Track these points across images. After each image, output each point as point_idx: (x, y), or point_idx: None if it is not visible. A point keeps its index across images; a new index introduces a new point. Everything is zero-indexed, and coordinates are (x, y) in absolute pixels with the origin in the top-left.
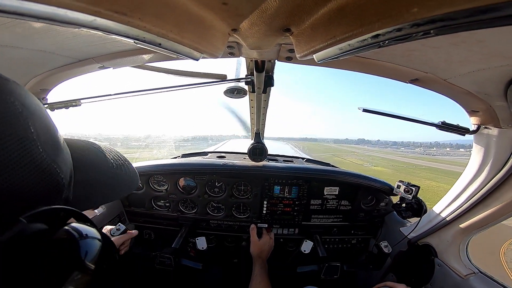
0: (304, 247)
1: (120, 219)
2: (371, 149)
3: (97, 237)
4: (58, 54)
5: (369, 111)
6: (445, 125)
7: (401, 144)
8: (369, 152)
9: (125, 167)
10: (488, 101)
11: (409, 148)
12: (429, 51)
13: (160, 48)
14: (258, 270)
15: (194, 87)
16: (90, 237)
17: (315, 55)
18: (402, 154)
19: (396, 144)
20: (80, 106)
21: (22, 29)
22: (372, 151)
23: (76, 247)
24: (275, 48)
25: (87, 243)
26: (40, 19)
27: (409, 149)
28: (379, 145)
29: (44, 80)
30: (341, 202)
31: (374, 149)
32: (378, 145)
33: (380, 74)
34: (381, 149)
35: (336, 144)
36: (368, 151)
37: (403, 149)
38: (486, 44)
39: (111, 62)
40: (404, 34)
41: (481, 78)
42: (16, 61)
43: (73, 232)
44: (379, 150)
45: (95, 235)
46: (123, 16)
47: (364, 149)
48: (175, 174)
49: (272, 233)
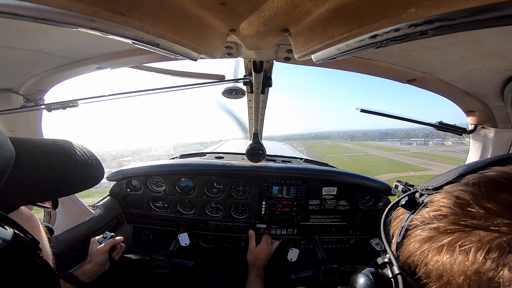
0: (290, 255)
1: (118, 220)
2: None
3: (2, 237)
4: (55, 54)
5: (367, 112)
6: (442, 125)
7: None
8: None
9: (88, 165)
10: (485, 101)
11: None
12: (426, 51)
13: (158, 49)
14: (253, 278)
15: (192, 88)
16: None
17: (313, 56)
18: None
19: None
20: (77, 107)
21: (19, 30)
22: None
23: None
24: (274, 49)
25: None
26: (37, 19)
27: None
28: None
29: (41, 81)
30: (340, 202)
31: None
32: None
33: (378, 74)
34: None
35: (350, 141)
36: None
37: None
38: (483, 44)
39: (109, 63)
40: (402, 34)
41: (477, 78)
42: (13, 62)
43: None
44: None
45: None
46: (121, 16)
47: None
48: (174, 175)
49: (276, 241)
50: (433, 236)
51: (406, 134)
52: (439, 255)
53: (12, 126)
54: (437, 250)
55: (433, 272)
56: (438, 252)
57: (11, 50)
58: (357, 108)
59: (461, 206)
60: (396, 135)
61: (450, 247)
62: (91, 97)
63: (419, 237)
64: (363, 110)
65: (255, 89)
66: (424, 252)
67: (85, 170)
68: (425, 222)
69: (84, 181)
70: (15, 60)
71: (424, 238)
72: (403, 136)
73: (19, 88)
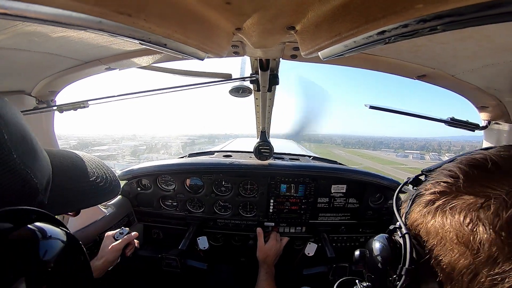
0: (308, 249)
1: (129, 218)
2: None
3: (61, 239)
4: (65, 56)
5: (376, 108)
6: (454, 121)
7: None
8: None
9: (105, 177)
10: (498, 96)
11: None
12: (436, 47)
13: (166, 49)
14: (263, 275)
15: (199, 87)
16: (54, 238)
17: (320, 53)
18: None
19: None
20: (87, 108)
21: (29, 32)
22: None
23: (35, 246)
24: (280, 46)
25: (48, 243)
26: (46, 21)
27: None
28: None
29: (52, 82)
30: (349, 200)
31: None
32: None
33: (387, 70)
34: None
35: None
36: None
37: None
38: (494, 39)
39: (117, 64)
40: (411, 30)
41: (490, 73)
42: (24, 64)
43: (36, 232)
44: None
45: (59, 236)
46: (127, 17)
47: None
48: (183, 174)
49: (285, 238)
50: (430, 200)
51: (400, 144)
52: (435, 216)
53: None
54: (434, 212)
55: (431, 230)
56: (434, 213)
57: (23, 53)
58: (365, 104)
59: (451, 176)
60: (391, 145)
61: (443, 209)
62: (101, 98)
63: (420, 205)
64: (372, 107)
65: (262, 87)
66: (424, 215)
67: (105, 182)
68: (425, 190)
69: (106, 193)
70: (27, 62)
71: (423, 203)
72: (397, 146)
73: (31, 90)
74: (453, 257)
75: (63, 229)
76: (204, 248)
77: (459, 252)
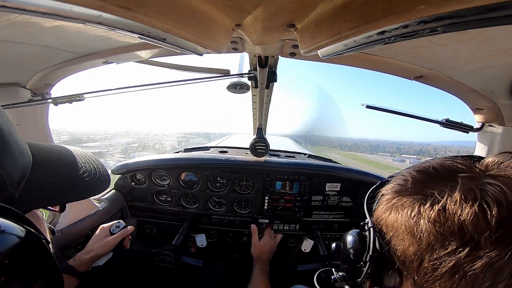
0: (304, 245)
1: (122, 213)
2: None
3: (17, 234)
4: (62, 49)
5: (372, 108)
6: (449, 122)
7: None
8: None
9: (93, 172)
10: (493, 99)
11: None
12: (436, 48)
13: (165, 43)
14: (257, 272)
15: (197, 82)
16: (8, 232)
17: (320, 51)
18: None
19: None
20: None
21: (27, 25)
22: None
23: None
24: (279, 44)
25: (1, 238)
26: (45, 14)
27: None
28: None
29: (48, 75)
30: (343, 198)
31: None
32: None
33: (385, 70)
34: None
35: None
36: None
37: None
38: (494, 41)
39: (115, 57)
40: (411, 31)
41: (486, 76)
42: (21, 57)
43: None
44: None
45: (15, 231)
46: (128, 11)
47: None
48: (177, 169)
49: (279, 235)
50: (388, 199)
51: (397, 149)
52: (391, 212)
53: (19, 120)
54: (390, 208)
55: (389, 224)
56: (391, 210)
57: (19, 45)
58: (362, 104)
59: (404, 179)
60: (387, 149)
61: (395, 206)
62: (97, 91)
63: (382, 203)
64: (369, 106)
65: (260, 84)
66: (384, 211)
67: (93, 177)
68: (386, 191)
69: (91, 189)
70: (23, 55)
71: (384, 201)
72: (394, 150)
73: (27, 83)
74: (405, 246)
75: (22, 225)
76: (202, 246)
77: (408, 241)
